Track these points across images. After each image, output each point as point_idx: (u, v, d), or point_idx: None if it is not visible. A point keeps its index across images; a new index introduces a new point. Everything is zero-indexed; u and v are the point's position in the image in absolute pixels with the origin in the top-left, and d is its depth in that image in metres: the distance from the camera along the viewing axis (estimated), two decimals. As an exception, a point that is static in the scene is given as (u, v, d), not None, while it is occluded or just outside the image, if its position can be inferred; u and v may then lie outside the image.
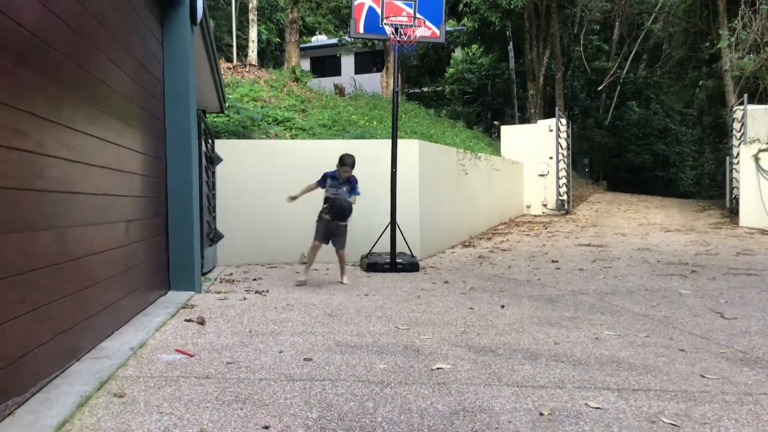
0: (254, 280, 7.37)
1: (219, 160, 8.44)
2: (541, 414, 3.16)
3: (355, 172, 9.22)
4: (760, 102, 16.11)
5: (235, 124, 10.27)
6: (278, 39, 24.29)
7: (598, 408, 3.26)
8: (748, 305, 6.12)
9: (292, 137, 10.57)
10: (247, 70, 15.46)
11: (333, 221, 7.24)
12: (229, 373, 3.72)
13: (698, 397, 3.46)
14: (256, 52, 17.86)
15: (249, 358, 4.07)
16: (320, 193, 9.08)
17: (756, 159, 13.41)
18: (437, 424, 3.00)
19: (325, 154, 9.24)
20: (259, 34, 20.86)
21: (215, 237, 8.18)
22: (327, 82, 20.57)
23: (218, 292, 6.49)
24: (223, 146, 8.78)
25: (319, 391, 3.43)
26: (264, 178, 8.99)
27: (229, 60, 17.90)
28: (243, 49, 20.09)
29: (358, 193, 7.45)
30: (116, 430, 2.83)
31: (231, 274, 7.88)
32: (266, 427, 2.91)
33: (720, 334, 5.02)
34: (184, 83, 6.17)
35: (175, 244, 6.11)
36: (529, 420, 3.08)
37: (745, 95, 15.59)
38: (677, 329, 5.17)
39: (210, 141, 8.27)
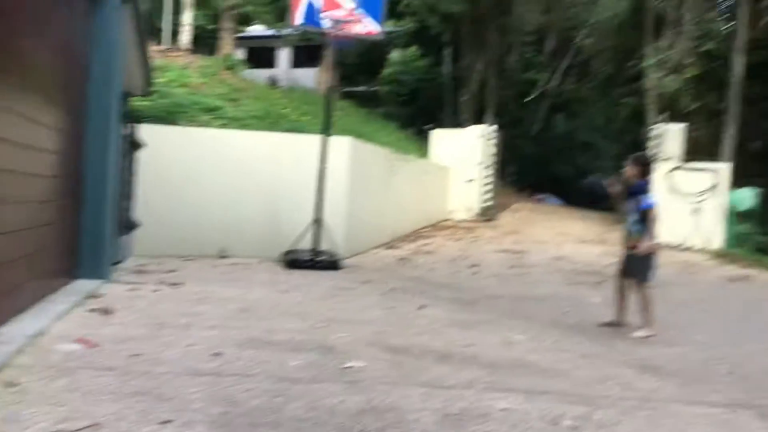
0: (169, 271, 7.14)
1: (141, 145, 8.15)
2: (449, 414, 3.19)
3: (283, 167, 9.11)
4: (678, 121, 16.93)
5: (162, 110, 9.96)
6: (213, 26, 23.71)
7: (504, 409, 3.32)
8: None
9: (221, 127, 10.34)
10: (178, 54, 15.03)
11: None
12: (132, 366, 3.58)
13: (599, 402, 3.59)
14: (189, 37, 17.39)
15: (155, 350, 3.93)
16: (281, 182, 8.82)
17: (669, 176, 14.09)
18: (345, 421, 2.99)
19: (253, 146, 9.08)
20: (194, 19, 20.30)
21: (131, 225, 7.88)
22: (262, 74, 20.25)
23: (129, 283, 6.24)
24: (147, 131, 8.46)
25: (226, 387, 3.34)
26: (188, 168, 8.73)
27: (161, 43, 17.33)
28: (176, 33, 19.49)
29: (650, 206, 5.53)
30: (3, 421, 2.67)
31: (145, 264, 7.59)
32: (166, 422, 2.82)
33: (623, 342, 5.24)
34: (110, 62, 5.93)
35: (86, 230, 5.84)
36: (437, 419, 3.11)
37: (664, 114, 16.34)
38: (585, 336, 5.36)
39: (133, 125, 7.97)
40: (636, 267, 5.56)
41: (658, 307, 6.73)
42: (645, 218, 5.51)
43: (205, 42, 22.89)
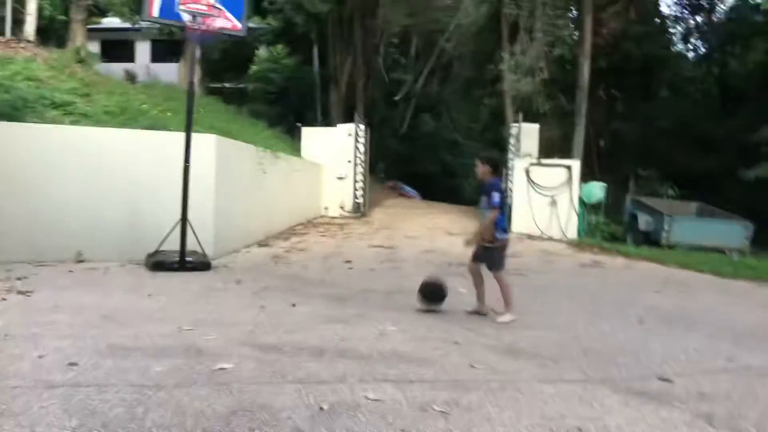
0: (18, 279, 6.54)
1: (-21, 142, 7.41)
2: (321, 408, 3.18)
3: (144, 165, 8.66)
4: (533, 121, 18.01)
5: (4, 105, 9.09)
6: (63, 16, 22.03)
7: (376, 400, 3.36)
8: (513, 302, 6.76)
9: (73, 123, 9.62)
10: (22, 46, 13.79)
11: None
12: (-27, 382, 3.25)
13: (467, 386, 3.73)
14: (34, 27, 16.02)
15: (1, 364, 3.58)
16: (142, 181, 8.38)
17: (527, 172, 14.97)
18: (213, 425, 2.88)
19: (110, 143, 8.56)
20: (41, 8, 18.74)
21: (-29, 230, 7.15)
22: (118, 68, 19.10)
23: (-30, 293, 5.67)
24: (-13, 128, 7.71)
25: (82, 398, 3.11)
26: (36, 167, 8.05)
27: (1, 33, 15.84)
28: (20, 23, 17.91)
29: (495, 203, 5.74)
30: None
31: (-10, 272, 6.93)
32: (14, 440, 2.58)
33: (489, 328, 5.48)
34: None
35: None
36: (309, 415, 3.08)
37: (521, 114, 17.32)
38: (454, 324, 5.55)
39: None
40: (488, 258, 5.90)
41: (521, 293, 7.10)
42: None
43: (53, 33, 21.26)
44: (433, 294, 6.04)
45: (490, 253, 5.86)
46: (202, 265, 7.91)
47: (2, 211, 7.79)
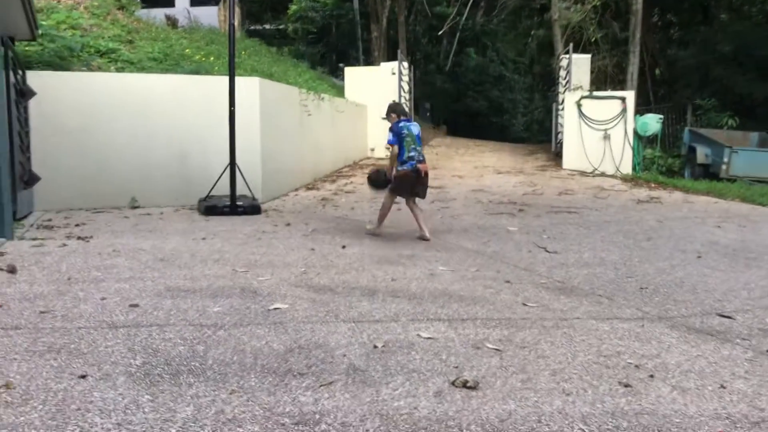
0: (77, 225, 6.77)
1: (32, 93, 7.54)
2: (375, 346, 3.21)
3: (190, 110, 8.74)
4: (584, 51, 17.31)
5: (51, 54, 9.20)
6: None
7: (429, 338, 3.37)
8: (566, 240, 6.66)
9: (118, 70, 9.71)
10: (65, -6, 13.86)
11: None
12: (42, 323, 3.39)
13: (520, 324, 3.70)
14: (76, -25, 16.03)
15: (66, 306, 3.73)
16: (189, 126, 8.55)
17: (578, 105, 14.49)
18: (271, 362, 2.94)
19: (156, 89, 8.62)
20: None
21: (30, 179, 7.36)
22: (159, 14, 19.05)
23: (34, 239, 5.88)
24: (36, 78, 7.83)
25: (144, 338, 3.22)
26: (87, 115, 8.19)
27: (45, -18, 15.93)
28: (61, -29, 17.93)
29: (388, 141, 6.63)
30: None
31: (50, 219, 7.17)
32: (83, 376, 2.70)
33: (542, 266, 5.41)
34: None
35: (-22, 186, 5.40)
36: (364, 353, 3.12)
37: (571, 44, 16.66)
38: (504, 263, 5.50)
39: (20, 72, 7.35)
40: (392, 183, 6.67)
41: (574, 230, 7.01)
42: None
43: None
44: (376, 182, 6.91)
45: (393, 180, 6.62)
46: (252, 208, 8.02)
47: (57, 160, 8.00)
